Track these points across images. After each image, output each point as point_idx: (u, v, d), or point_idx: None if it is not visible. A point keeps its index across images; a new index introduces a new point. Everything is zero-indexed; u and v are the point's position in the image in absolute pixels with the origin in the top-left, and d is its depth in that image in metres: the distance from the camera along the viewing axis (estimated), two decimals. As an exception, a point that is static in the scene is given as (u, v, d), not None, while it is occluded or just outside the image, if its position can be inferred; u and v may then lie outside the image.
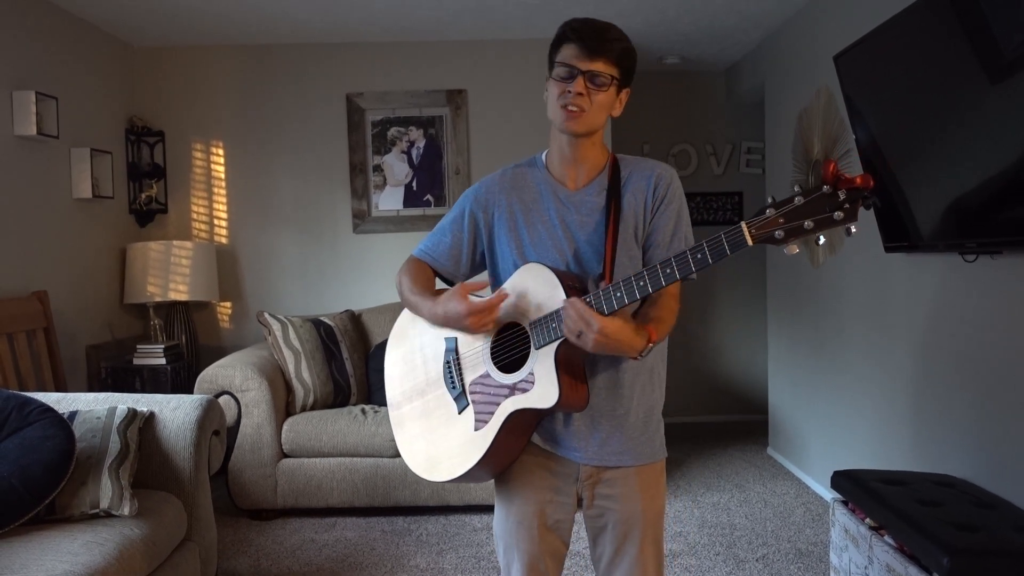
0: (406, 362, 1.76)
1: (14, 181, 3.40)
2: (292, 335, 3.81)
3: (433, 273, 1.75)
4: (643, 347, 1.45)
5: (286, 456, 3.62)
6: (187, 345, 4.27)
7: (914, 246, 2.82)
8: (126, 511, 2.21)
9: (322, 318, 4.02)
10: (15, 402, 2.28)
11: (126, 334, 4.25)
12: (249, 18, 4.05)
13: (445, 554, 3.18)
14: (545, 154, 1.70)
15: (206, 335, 4.52)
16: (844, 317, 3.63)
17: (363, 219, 4.56)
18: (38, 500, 2.12)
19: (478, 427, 1.58)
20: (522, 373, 1.54)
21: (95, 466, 2.25)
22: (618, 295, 1.42)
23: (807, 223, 1.24)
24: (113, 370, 3.92)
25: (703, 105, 5.50)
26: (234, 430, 3.53)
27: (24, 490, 2.09)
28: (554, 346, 1.49)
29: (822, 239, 1.25)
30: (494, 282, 1.71)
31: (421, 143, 4.56)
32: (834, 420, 3.76)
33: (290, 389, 3.76)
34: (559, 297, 1.49)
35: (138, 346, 3.98)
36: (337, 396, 3.85)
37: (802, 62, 4.01)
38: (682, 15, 4.10)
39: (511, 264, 1.64)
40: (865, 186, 1.21)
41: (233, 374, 3.56)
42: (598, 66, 1.52)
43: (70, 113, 3.76)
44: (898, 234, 2.88)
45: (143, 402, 2.55)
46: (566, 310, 1.42)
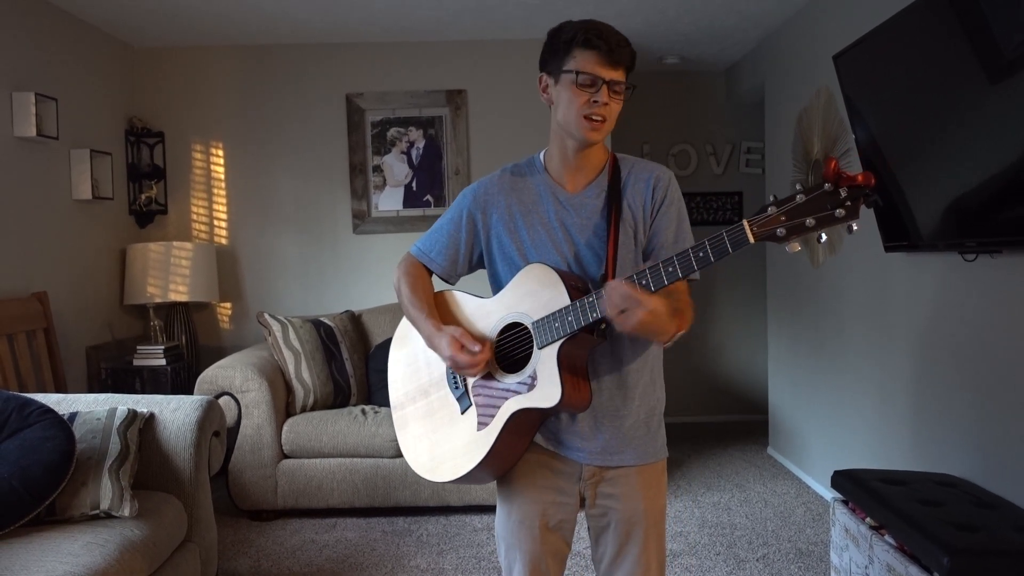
0: (409, 363, 1.76)
1: (14, 182, 3.40)
2: (292, 336, 3.81)
3: (430, 276, 1.75)
4: (674, 333, 1.45)
5: (286, 457, 3.63)
6: (187, 346, 4.27)
7: (914, 246, 2.82)
8: (126, 512, 2.21)
9: (322, 319, 4.02)
10: (15, 403, 2.28)
11: (126, 335, 4.25)
12: (249, 18, 4.05)
13: (446, 554, 3.18)
14: (543, 154, 1.68)
15: (206, 336, 4.52)
16: (844, 317, 3.63)
17: (363, 219, 4.56)
18: (38, 501, 2.12)
19: (481, 427, 1.58)
20: (525, 373, 1.54)
21: (95, 467, 2.25)
22: (643, 283, 1.40)
23: (809, 221, 1.24)
24: (113, 371, 3.92)
25: (703, 105, 5.50)
26: (234, 431, 3.53)
27: (24, 491, 2.09)
28: (556, 346, 1.49)
29: (823, 237, 1.26)
30: (493, 284, 1.70)
31: (421, 143, 4.56)
32: (834, 420, 3.76)
33: (290, 390, 3.76)
34: (562, 297, 1.49)
35: (138, 347, 3.98)
36: (337, 397, 3.85)
37: (802, 62, 4.01)
38: (682, 15, 4.10)
39: (512, 265, 1.63)
40: (866, 184, 1.21)
41: (233, 375, 3.56)
42: (619, 74, 1.52)
43: (70, 114, 3.76)
44: (898, 234, 2.88)
45: (143, 403, 2.55)
46: (612, 289, 1.38)
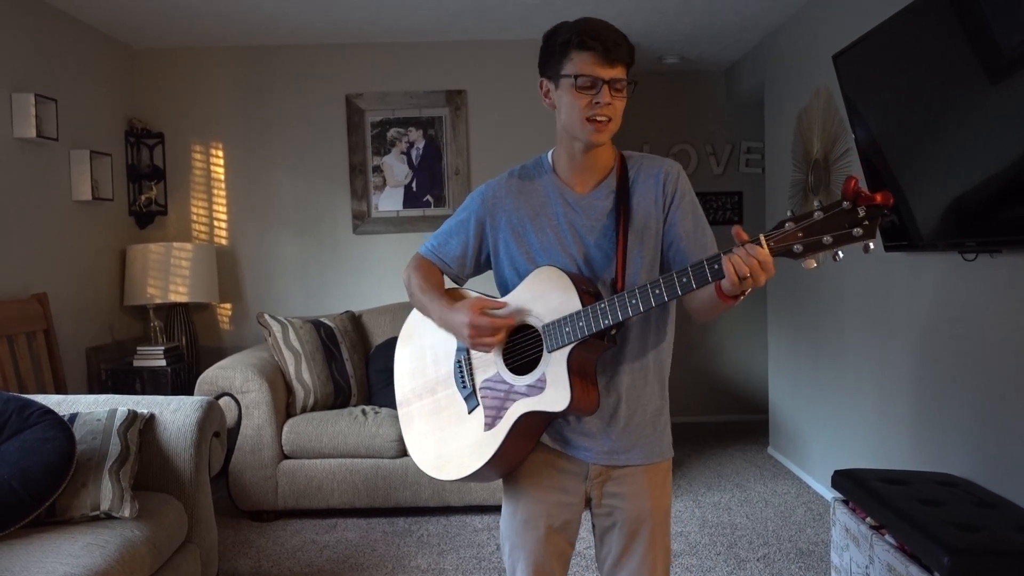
0: (415, 359, 1.75)
1: (14, 183, 3.40)
2: (292, 336, 3.81)
3: (441, 273, 1.74)
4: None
5: (287, 457, 3.62)
6: (187, 347, 4.27)
7: (914, 245, 2.82)
8: (127, 513, 2.21)
9: (322, 319, 4.02)
10: (15, 404, 2.28)
11: (126, 336, 4.25)
12: (249, 18, 4.05)
13: (446, 555, 3.18)
14: (551, 154, 1.68)
15: (206, 336, 4.52)
16: (844, 316, 3.63)
17: (363, 220, 4.56)
18: (39, 502, 2.12)
19: (488, 428, 1.58)
20: (534, 376, 1.53)
21: (96, 468, 2.24)
22: (657, 292, 1.39)
23: (826, 238, 1.24)
24: (113, 372, 3.92)
25: (703, 105, 5.50)
26: (234, 431, 3.53)
27: (25, 492, 2.09)
28: (567, 350, 1.48)
29: (840, 254, 1.25)
30: (500, 287, 1.70)
31: (421, 144, 4.56)
32: (834, 419, 3.76)
33: (290, 390, 3.76)
34: (574, 302, 1.48)
35: (138, 348, 3.98)
36: (337, 397, 3.85)
37: (801, 62, 4.01)
38: (682, 15, 4.10)
39: (521, 268, 1.62)
40: (885, 204, 1.21)
41: (233, 375, 3.56)
42: (619, 72, 1.51)
43: (70, 115, 3.76)
44: (898, 233, 2.88)
45: (143, 404, 2.55)
46: (752, 254, 1.28)
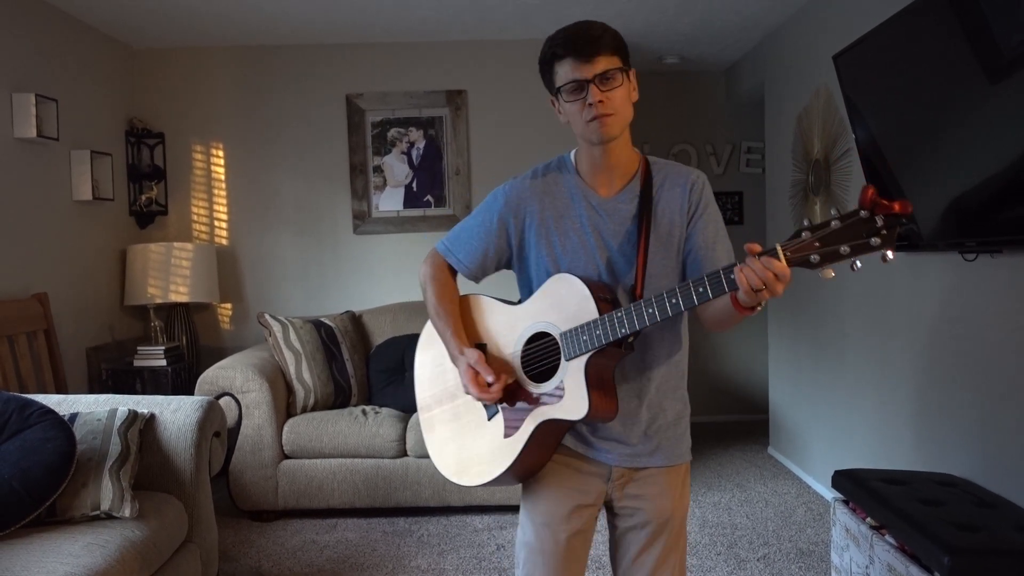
0: (436, 365, 1.76)
1: (14, 183, 3.40)
2: (293, 336, 3.81)
3: (455, 276, 1.74)
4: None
5: (287, 457, 3.63)
6: (188, 346, 4.27)
7: (914, 245, 2.82)
8: (127, 513, 2.21)
9: (323, 319, 4.02)
10: (15, 404, 2.28)
11: (126, 336, 4.25)
12: (249, 18, 4.05)
13: (446, 555, 3.18)
14: (574, 154, 1.66)
15: (207, 336, 4.52)
16: (844, 316, 3.63)
17: (363, 220, 4.56)
18: (39, 502, 2.12)
19: (508, 434, 1.58)
20: (552, 384, 1.53)
21: (96, 468, 2.25)
22: (673, 301, 1.39)
23: (843, 248, 1.22)
24: (114, 372, 3.92)
25: (703, 105, 5.50)
26: (235, 431, 3.53)
27: (25, 492, 2.10)
28: (584, 358, 1.48)
29: (858, 264, 1.23)
30: (523, 287, 1.70)
31: (421, 144, 4.56)
32: (835, 419, 3.76)
33: (291, 390, 3.77)
34: (591, 310, 1.48)
35: (139, 348, 3.98)
36: (338, 397, 3.85)
37: (802, 62, 4.01)
38: (682, 15, 4.10)
39: (543, 272, 1.62)
40: (903, 212, 1.19)
41: (234, 375, 3.56)
42: (600, 65, 1.49)
43: (70, 115, 3.76)
44: (899, 233, 2.88)
45: (144, 404, 2.55)
46: (768, 266, 1.26)
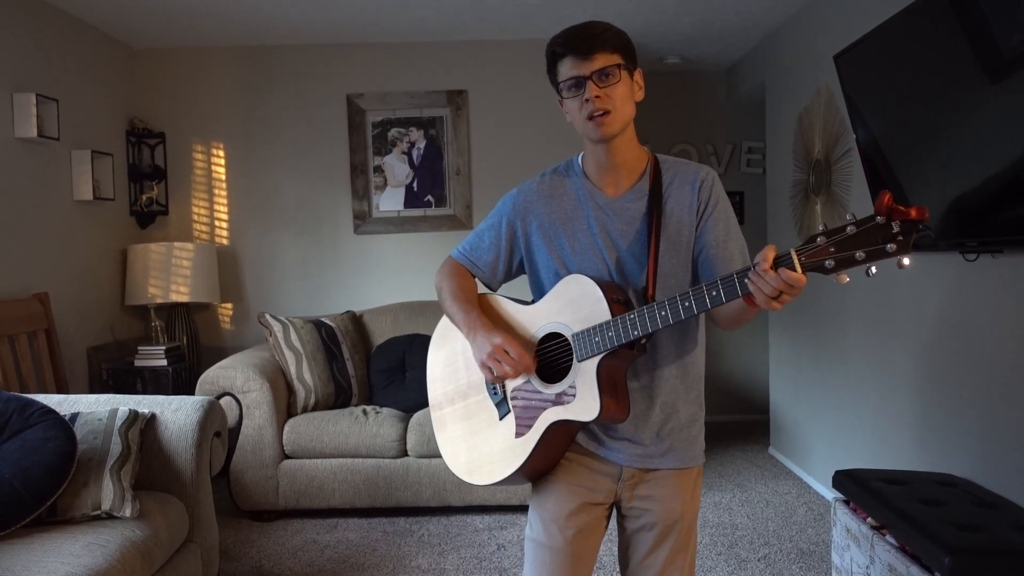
0: (448, 363, 1.76)
1: (15, 183, 3.40)
2: (293, 336, 3.82)
3: (474, 279, 1.74)
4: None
5: (287, 457, 3.63)
6: (188, 346, 4.28)
7: (915, 245, 2.81)
8: (128, 513, 2.21)
9: (323, 319, 4.02)
10: (16, 404, 2.28)
11: (127, 335, 4.26)
12: (249, 18, 4.05)
13: (447, 555, 3.19)
14: (581, 158, 1.67)
15: (207, 336, 4.53)
16: (845, 316, 3.63)
17: (364, 220, 4.56)
18: (39, 502, 2.12)
19: (519, 434, 1.58)
20: (564, 384, 1.53)
21: (96, 468, 2.25)
22: (686, 304, 1.38)
23: (859, 254, 1.21)
24: (114, 372, 3.93)
25: (703, 105, 5.50)
26: (235, 431, 3.53)
27: (25, 492, 2.10)
28: (596, 360, 1.48)
29: (874, 269, 1.23)
30: (535, 290, 1.70)
31: (421, 144, 4.56)
32: (835, 419, 3.76)
33: (291, 390, 3.77)
34: (603, 311, 1.48)
35: (139, 347, 3.98)
36: (338, 397, 3.85)
37: (802, 62, 4.01)
38: (682, 15, 4.10)
39: (552, 274, 1.62)
40: (920, 218, 1.18)
41: (234, 375, 3.57)
42: (598, 62, 1.49)
43: (71, 115, 3.77)
44: (899, 233, 2.88)
45: (144, 403, 2.55)
46: (781, 277, 1.25)
